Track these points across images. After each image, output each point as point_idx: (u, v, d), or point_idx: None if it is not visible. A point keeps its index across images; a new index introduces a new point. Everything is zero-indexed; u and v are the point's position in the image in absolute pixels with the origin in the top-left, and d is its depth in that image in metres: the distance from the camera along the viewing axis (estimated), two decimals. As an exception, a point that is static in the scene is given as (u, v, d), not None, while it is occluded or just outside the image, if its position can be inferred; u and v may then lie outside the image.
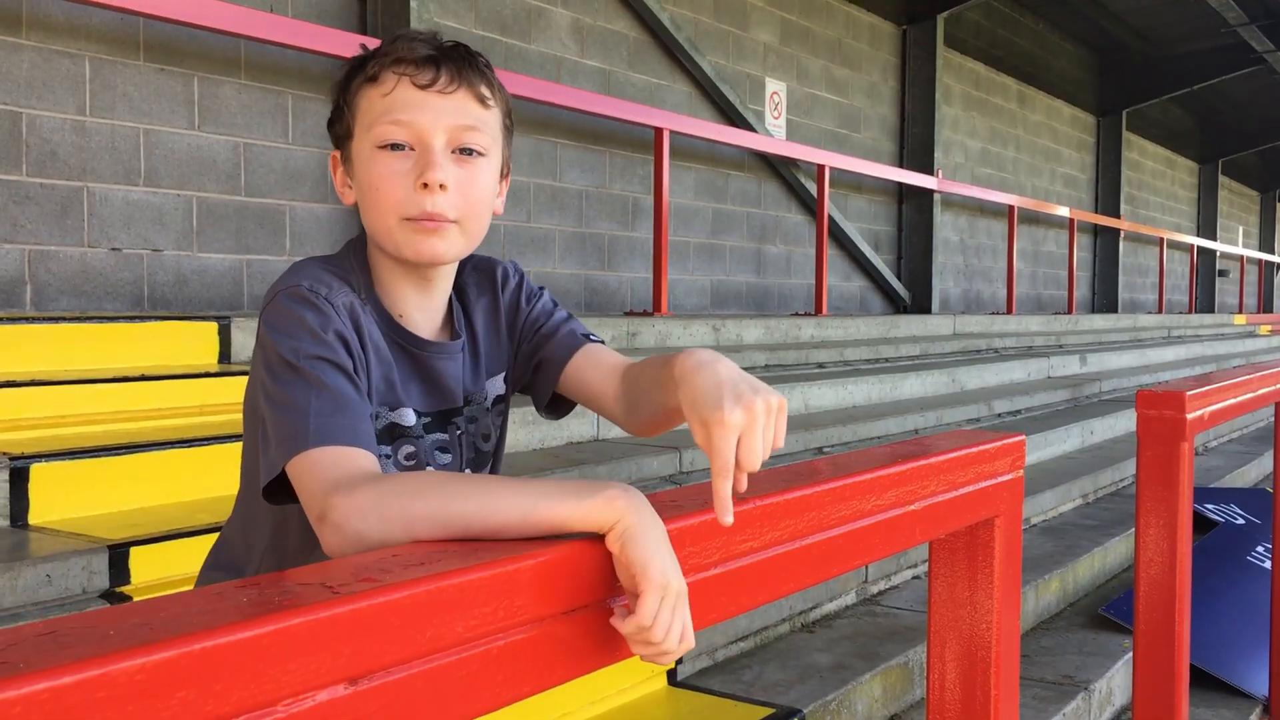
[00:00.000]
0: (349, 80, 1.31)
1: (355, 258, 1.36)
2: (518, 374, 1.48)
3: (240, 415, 1.41)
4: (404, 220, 1.26)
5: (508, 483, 0.97)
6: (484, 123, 1.30)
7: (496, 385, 1.46)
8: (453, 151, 1.27)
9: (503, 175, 1.38)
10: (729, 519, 0.98)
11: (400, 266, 1.32)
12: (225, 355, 3.73)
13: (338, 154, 1.35)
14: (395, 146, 1.26)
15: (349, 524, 1.00)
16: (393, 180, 1.26)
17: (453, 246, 1.29)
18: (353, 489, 1.03)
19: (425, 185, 1.24)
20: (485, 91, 1.30)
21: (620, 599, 0.92)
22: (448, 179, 1.26)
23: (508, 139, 1.37)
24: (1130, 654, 3.11)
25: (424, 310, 1.37)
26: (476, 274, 1.46)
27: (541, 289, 1.50)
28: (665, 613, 0.90)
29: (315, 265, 1.31)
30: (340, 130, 1.33)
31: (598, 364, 1.41)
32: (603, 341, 1.47)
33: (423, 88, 1.26)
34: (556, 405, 1.48)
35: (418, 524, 0.96)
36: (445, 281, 1.38)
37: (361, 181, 1.29)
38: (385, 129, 1.26)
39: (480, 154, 1.30)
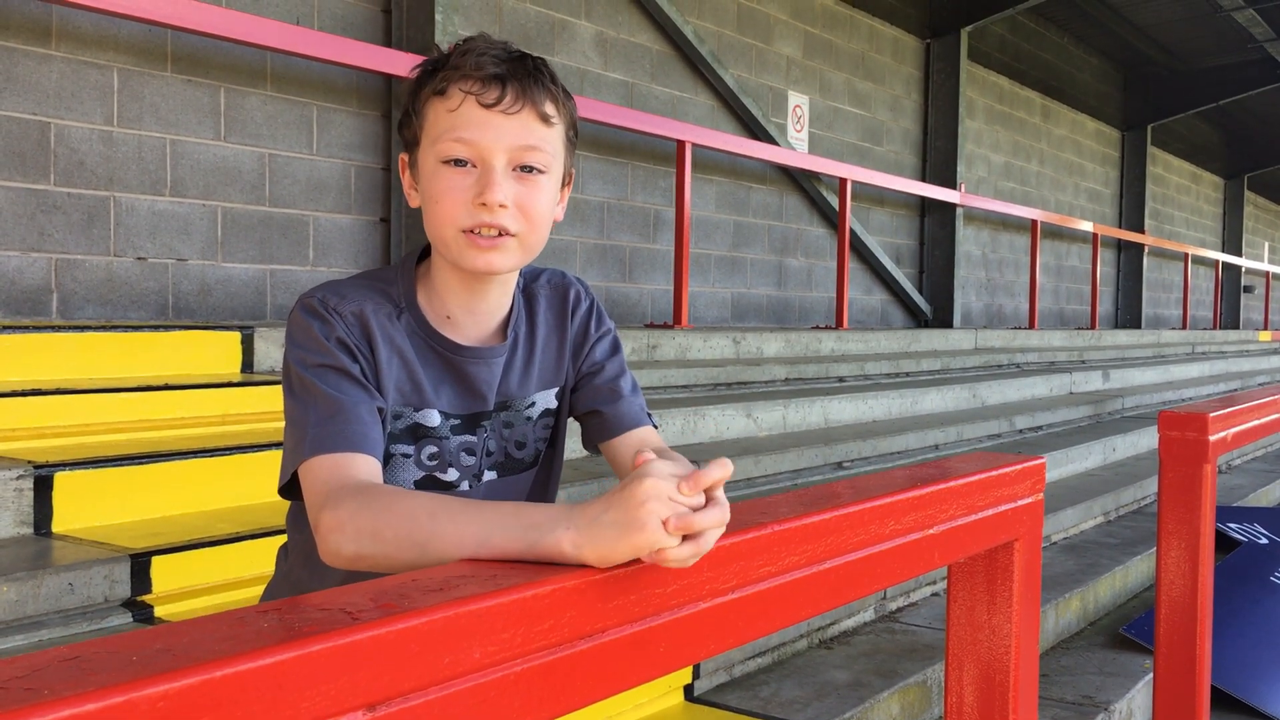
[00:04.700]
0: (419, 88, 1.35)
1: (403, 267, 1.42)
2: (573, 402, 1.52)
3: (265, 425, 1.48)
4: (462, 232, 1.30)
5: (476, 509, 1.02)
6: (546, 140, 1.33)
7: (547, 398, 1.49)
8: (514, 169, 1.31)
9: (564, 184, 1.41)
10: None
11: (455, 271, 1.37)
12: (248, 365, 3.75)
13: (406, 157, 1.40)
14: (458, 162, 1.30)
15: (330, 538, 1.12)
16: (454, 195, 1.30)
17: (510, 259, 1.34)
18: (338, 504, 1.13)
19: (484, 204, 1.29)
20: (549, 109, 1.33)
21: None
22: (506, 198, 1.30)
23: (570, 150, 1.41)
24: (1151, 675, 3.09)
25: (473, 313, 1.41)
26: (550, 288, 1.50)
27: (610, 329, 1.53)
28: (673, 524, 0.91)
29: (348, 279, 1.40)
30: (408, 136, 1.37)
31: (639, 443, 1.47)
32: (655, 425, 1.52)
33: (487, 107, 1.29)
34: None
35: (386, 542, 1.07)
36: (499, 289, 1.42)
37: (425, 191, 1.33)
38: (449, 145, 1.30)
39: (541, 171, 1.33)
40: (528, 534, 0.95)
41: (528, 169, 1.31)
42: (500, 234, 1.31)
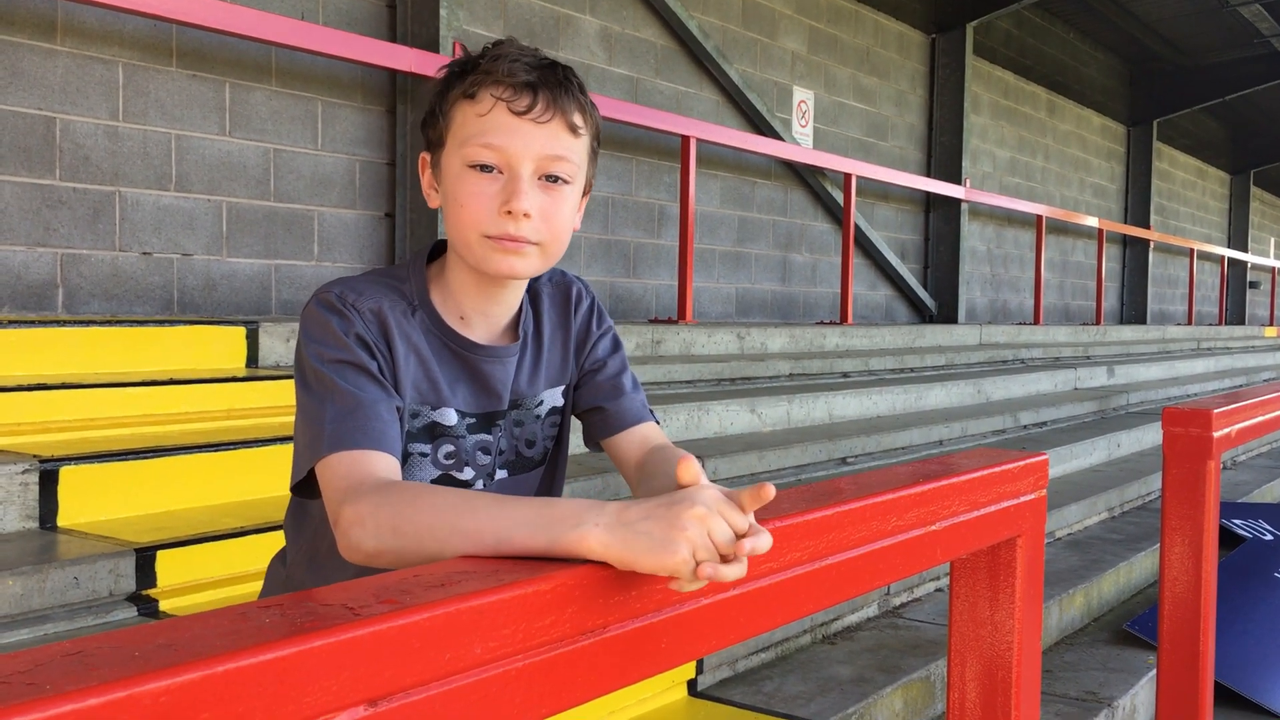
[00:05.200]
0: (446, 89, 1.34)
1: (415, 265, 1.42)
2: (575, 399, 1.53)
3: (270, 420, 1.47)
4: (485, 237, 1.30)
5: (498, 504, 1.00)
6: (573, 151, 1.33)
7: (554, 397, 1.50)
8: (539, 178, 1.31)
9: (584, 193, 1.41)
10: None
11: (471, 273, 1.37)
12: (253, 360, 3.76)
13: (428, 156, 1.39)
14: (484, 168, 1.29)
15: (351, 532, 1.11)
16: (479, 200, 1.29)
17: (531, 264, 1.34)
18: (358, 499, 1.12)
19: (509, 212, 1.28)
20: (578, 120, 1.34)
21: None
22: (532, 207, 1.29)
23: (593, 160, 1.41)
24: (1154, 670, 3.09)
25: (486, 314, 1.41)
26: (552, 286, 1.51)
27: (610, 326, 1.54)
28: (705, 571, 0.89)
29: (360, 276, 1.39)
30: (433, 136, 1.36)
31: (643, 439, 1.48)
32: (657, 420, 1.53)
33: (518, 114, 1.29)
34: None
35: (407, 537, 1.05)
36: (513, 292, 1.43)
37: (448, 193, 1.33)
38: (476, 150, 1.29)
39: (566, 181, 1.33)
40: (551, 529, 0.93)
41: (553, 179, 1.31)
42: (524, 243, 1.31)
